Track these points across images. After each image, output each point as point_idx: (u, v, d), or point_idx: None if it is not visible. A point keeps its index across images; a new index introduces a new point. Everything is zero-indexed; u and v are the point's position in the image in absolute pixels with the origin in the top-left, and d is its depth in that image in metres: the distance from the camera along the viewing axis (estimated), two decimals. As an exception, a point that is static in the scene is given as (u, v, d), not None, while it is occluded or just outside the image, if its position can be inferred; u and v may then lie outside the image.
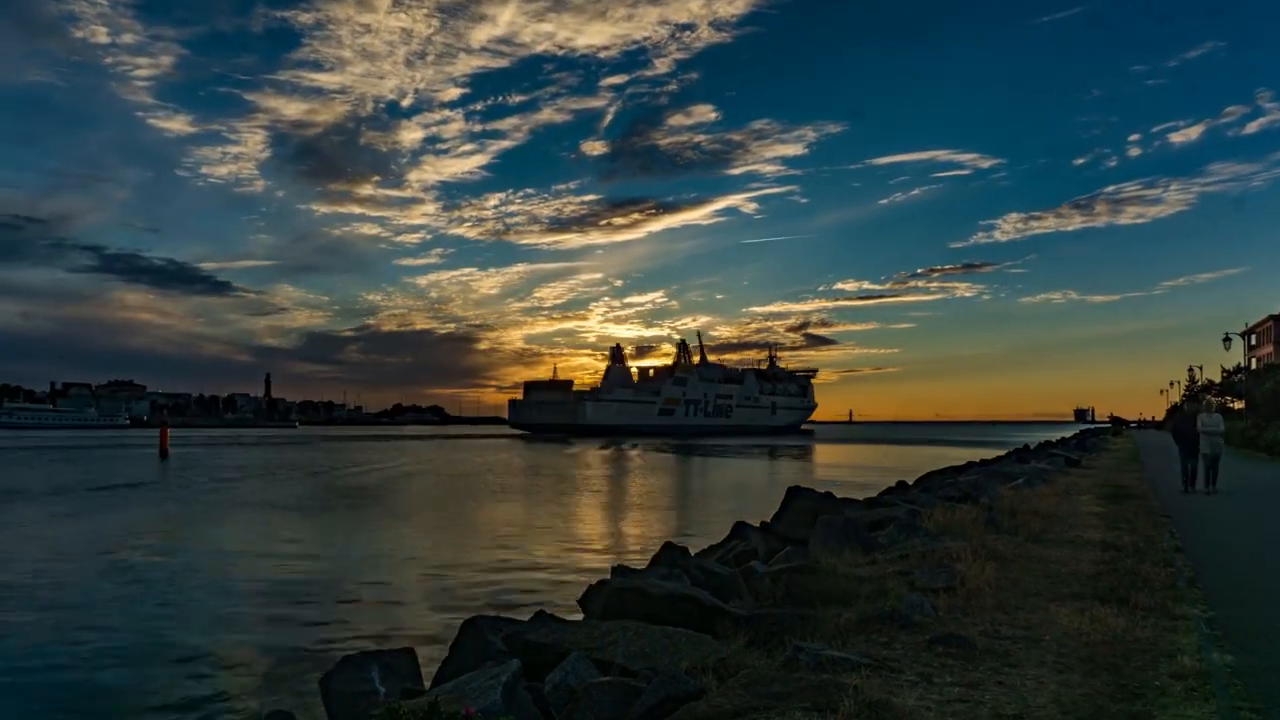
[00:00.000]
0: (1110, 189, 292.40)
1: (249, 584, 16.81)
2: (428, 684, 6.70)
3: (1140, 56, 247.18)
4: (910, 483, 25.57)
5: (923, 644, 6.15)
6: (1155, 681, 5.40)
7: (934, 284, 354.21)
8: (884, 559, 9.83)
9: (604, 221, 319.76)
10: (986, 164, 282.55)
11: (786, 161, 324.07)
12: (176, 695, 10.01)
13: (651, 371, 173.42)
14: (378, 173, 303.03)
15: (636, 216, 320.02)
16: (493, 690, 5.08)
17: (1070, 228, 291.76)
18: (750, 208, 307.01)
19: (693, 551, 12.62)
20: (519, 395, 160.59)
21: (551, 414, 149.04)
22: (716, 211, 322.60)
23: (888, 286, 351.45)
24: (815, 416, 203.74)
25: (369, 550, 21.11)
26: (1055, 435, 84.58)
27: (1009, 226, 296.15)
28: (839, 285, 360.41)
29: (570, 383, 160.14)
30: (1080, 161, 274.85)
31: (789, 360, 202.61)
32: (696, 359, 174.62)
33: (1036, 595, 8.09)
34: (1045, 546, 11.09)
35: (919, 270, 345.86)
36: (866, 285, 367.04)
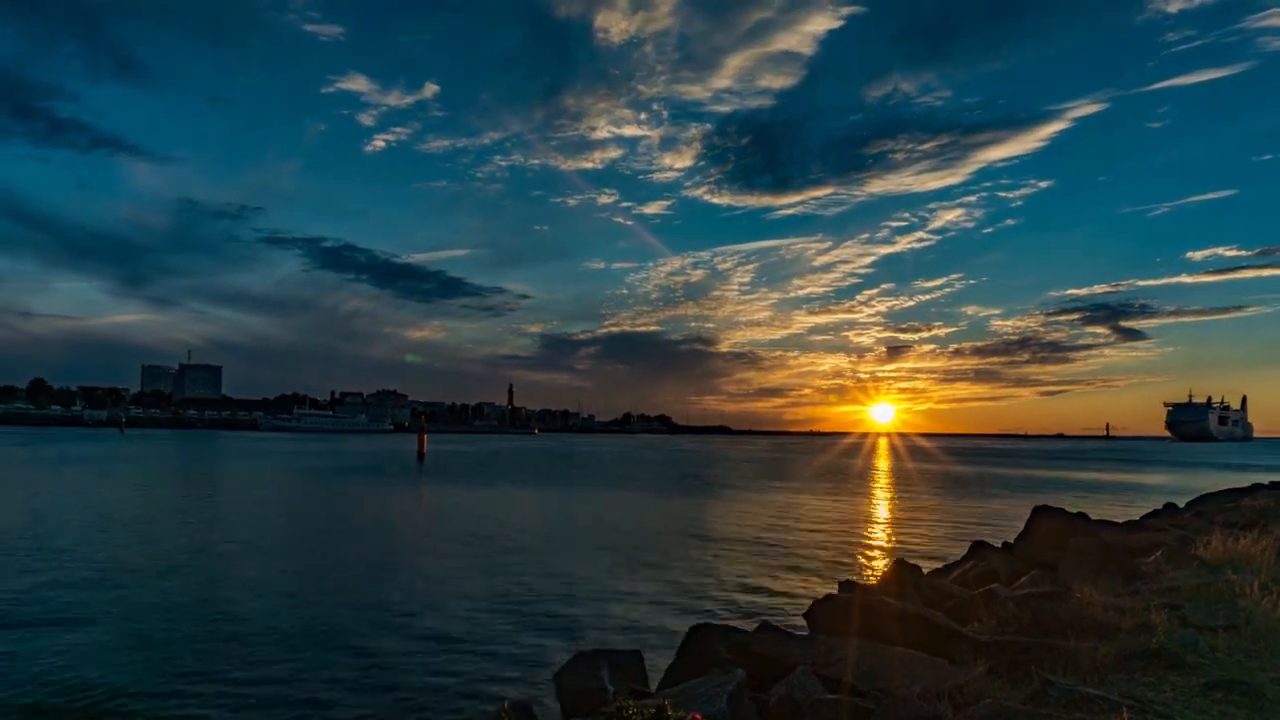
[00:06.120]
0: None
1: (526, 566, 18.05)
2: (653, 686, 6.86)
3: None
4: (1180, 505, 22.89)
5: (1197, 688, 5.47)
6: None
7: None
8: (1148, 590, 8.87)
9: (889, 154, 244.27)
10: None
11: (1193, 16, 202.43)
12: (432, 679, 10.93)
13: None
14: (610, 92, 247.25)
15: (931, 145, 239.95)
16: (718, 698, 5.13)
17: None
18: (1106, 126, 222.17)
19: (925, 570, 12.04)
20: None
21: None
22: (1047, 141, 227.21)
23: (1256, 253, 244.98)
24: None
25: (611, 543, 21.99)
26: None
27: None
28: (1188, 254, 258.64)
29: None
30: None
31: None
32: None
33: (1346, 642, 6.94)
34: (1357, 585, 9.49)
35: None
36: (1227, 252, 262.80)
